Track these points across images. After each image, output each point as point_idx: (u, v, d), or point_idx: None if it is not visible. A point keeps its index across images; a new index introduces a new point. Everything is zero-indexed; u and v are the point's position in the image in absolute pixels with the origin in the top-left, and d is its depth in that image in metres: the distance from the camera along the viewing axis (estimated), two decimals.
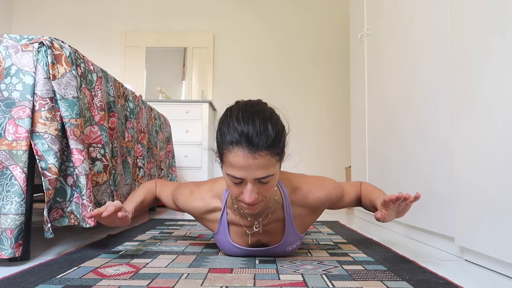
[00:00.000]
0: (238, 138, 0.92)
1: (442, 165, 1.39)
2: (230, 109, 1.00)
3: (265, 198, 0.99)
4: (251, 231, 1.11)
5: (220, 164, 1.01)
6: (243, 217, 1.10)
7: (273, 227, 1.13)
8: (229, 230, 1.14)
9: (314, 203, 1.14)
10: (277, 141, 0.94)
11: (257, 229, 1.10)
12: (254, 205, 0.98)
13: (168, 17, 4.25)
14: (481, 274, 1.08)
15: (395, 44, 1.86)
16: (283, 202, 1.11)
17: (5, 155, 1.08)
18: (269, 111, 0.99)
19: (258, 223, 1.10)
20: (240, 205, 1.01)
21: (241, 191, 0.97)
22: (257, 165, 0.92)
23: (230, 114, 0.97)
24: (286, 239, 1.13)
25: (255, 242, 1.15)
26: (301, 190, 1.14)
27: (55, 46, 1.19)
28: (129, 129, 1.84)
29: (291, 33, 4.20)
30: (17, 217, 1.05)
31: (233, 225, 1.13)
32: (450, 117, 1.33)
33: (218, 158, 1.01)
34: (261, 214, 1.09)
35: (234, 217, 1.12)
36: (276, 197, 1.10)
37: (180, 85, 4.20)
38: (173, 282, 0.89)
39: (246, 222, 1.11)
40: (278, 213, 1.11)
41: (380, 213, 1.03)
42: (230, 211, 1.12)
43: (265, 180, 0.95)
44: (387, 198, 1.01)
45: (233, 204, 1.10)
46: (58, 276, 0.93)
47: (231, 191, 0.99)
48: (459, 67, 1.25)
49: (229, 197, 1.12)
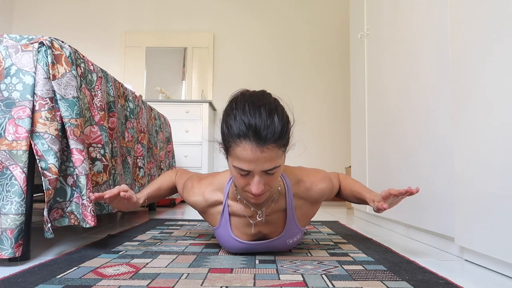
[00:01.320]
0: (246, 131, 0.91)
1: (442, 165, 1.39)
2: (235, 100, 0.99)
3: (270, 188, 1.00)
4: (254, 221, 1.12)
5: (225, 155, 1.01)
6: (246, 207, 1.11)
7: (275, 217, 1.14)
8: (231, 223, 1.14)
9: (316, 195, 1.16)
10: (284, 133, 0.95)
11: (260, 219, 1.11)
12: (260, 195, 1.00)
13: (168, 17, 4.25)
14: (481, 274, 1.08)
15: (395, 44, 1.86)
16: (285, 192, 1.12)
17: (5, 155, 1.08)
18: (274, 102, 0.99)
19: (261, 212, 1.10)
20: (245, 195, 1.02)
21: (248, 182, 0.98)
22: (265, 158, 0.92)
23: (236, 106, 0.96)
24: (287, 231, 1.14)
25: (257, 233, 1.15)
26: (304, 183, 1.15)
27: (55, 46, 1.19)
28: (129, 129, 1.83)
29: (291, 33, 4.20)
30: (17, 217, 1.05)
31: (235, 216, 1.13)
32: (450, 117, 1.33)
33: (223, 149, 1.00)
34: (264, 204, 1.10)
35: (236, 209, 1.12)
36: (280, 187, 1.11)
37: (180, 85, 4.20)
38: (173, 282, 0.89)
39: (249, 212, 1.11)
40: (280, 203, 1.12)
41: (386, 205, 1.10)
42: (232, 203, 1.13)
43: (272, 171, 0.96)
44: (395, 191, 1.10)
45: (235, 194, 1.11)
46: (58, 276, 0.93)
47: (237, 182, 1.00)
48: (459, 67, 1.25)
49: (231, 188, 1.12)
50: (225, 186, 1.14)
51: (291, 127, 1.00)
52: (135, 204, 1.21)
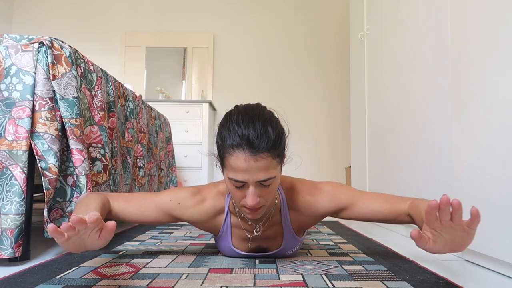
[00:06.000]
0: (239, 141, 0.92)
1: (442, 165, 1.39)
2: (229, 113, 1.00)
3: (266, 202, 0.99)
4: (251, 235, 1.11)
5: (221, 169, 1.01)
6: (244, 221, 1.10)
7: (272, 232, 1.13)
8: (232, 234, 1.13)
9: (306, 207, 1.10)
10: (278, 143, 0.94)
11: (258, 233, 1.10)
12: (257, 209, 0.98)
13: (168, 17, 4.25)
14: (481, 274, 1.08)
15: (395, 44, 1.86)
16: (281, 206, 1.11)
17: (5, 155, 1.08)
18: (268, 114, 1.00)
19: (258, 226, 1.10)
20: (242, 210, 1.01)
21: (244, 195, 0.97)
22: (259, 168, 0.92)
23: (230, 118, 0.97)
24: (286, 244, 1.13)
25: (256, 247, 1.15)
26: (297, 193, 1.11)
27: (55, 46, 1.19)
28: (129, 129, 1.83)
29: (291, 32, 4.20)
30: (17, 217, 1.05)
31: (236, 228, 1.13)
32: (450, 116, 1.33)
33: (219, 162, 1.00)
34: (262, 218, 1.09)
35: (236, 220, 1.12)
36: (276, 200, 1.10)
37: (180, 85, 4.20)
38: (173, 282, 0.89)
39: (247, 226, 1.11)
40: (277, 217, 1.11)
41: (417, 232, 0.74)
42: (233, 215, 1.12)
43: (267, 182, 0.95)
44: (429, 205, 0.73)
45: (235, 207, 1.10)
46: (58, 276, 0.93)
47: (234, 196, 0.99)
48: (459, 67, 1.25)
49: (231, 200, 1.11)
50: (226, 195, 1.13)
51: (286, 138, 1.00)
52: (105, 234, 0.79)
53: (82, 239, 0.75)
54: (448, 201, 0.70)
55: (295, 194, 1.12)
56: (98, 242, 0.78)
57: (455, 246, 0.78)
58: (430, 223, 0.75)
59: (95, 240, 0.77)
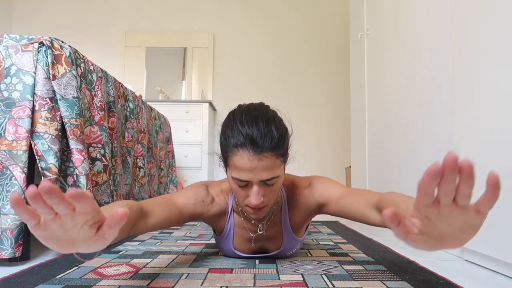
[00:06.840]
0: (243, 141, 0.92)
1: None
2: (233, 112, 1.00)
3: (270, 201, 0.99)
4: (254, 234, 1.11)
5: (224, 168, 1.01)
6: (247, 220, 1.10)
7: (273, 232, 1.13)
8: (234, 235, 1.13)
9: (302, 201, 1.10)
10: (281, 142, 0.95)
11: (261, 232, 1.10)
12: (260, 209, 0.98)
13: (168, 17, 4.25)
14: (481, 274, 1.08)
15: (395, 44, 1.86)
16: (282, 205, 1.11)
17: (5, 155, 1.08)
18: (271, 113, 1.00)
19: (262, 225, 1.10)
20: (246, 209, 1.01)
21: (247, 195, 0.97)
22: (263, 167, 0.92)
23: (234, 118, 0.97)
24: (286, 245, 1.13)
25: (258, 248, 1.15)
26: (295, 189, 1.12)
27: (55, 46, 1.19)
28: (129, 129, 1.83)
29: (290, 32, 4.20)
30: (17, 217, 1.05)
31: (238, 228, 1.13)
32: (450, 116, 1.33)
33: (222, 162, 1.00)
34: (265, 217, 1.10)
35: (239, 220, 1.12)
36: (278, 199, 1.11)
37: (180, 85, 4.20)
38: (173, 282, 0.89)
39: (250, 225, 1.11)
40: (277, 216, 1.12)
41: (392, 213, 0.49)
42: (236, 214, 1.12)
43: (271, 182, 0.95)
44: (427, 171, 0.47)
45: (238, 206, 1.10)
46: (58, 276, 0.93)
47: (237, 196, 0.99)
48: (458, 67, 1.25)
49: (234, 199, 1.11)
50: (230, 194, 1.13)
51: (290, 137, 1.00)
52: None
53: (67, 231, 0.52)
54: (456, 162, 0.45)
55: (295, 189, 1.13)
56: (93, 240, 0.54)
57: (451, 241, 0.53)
58: (422, 205, 0.50)
59: (88, 235, 0.54)
